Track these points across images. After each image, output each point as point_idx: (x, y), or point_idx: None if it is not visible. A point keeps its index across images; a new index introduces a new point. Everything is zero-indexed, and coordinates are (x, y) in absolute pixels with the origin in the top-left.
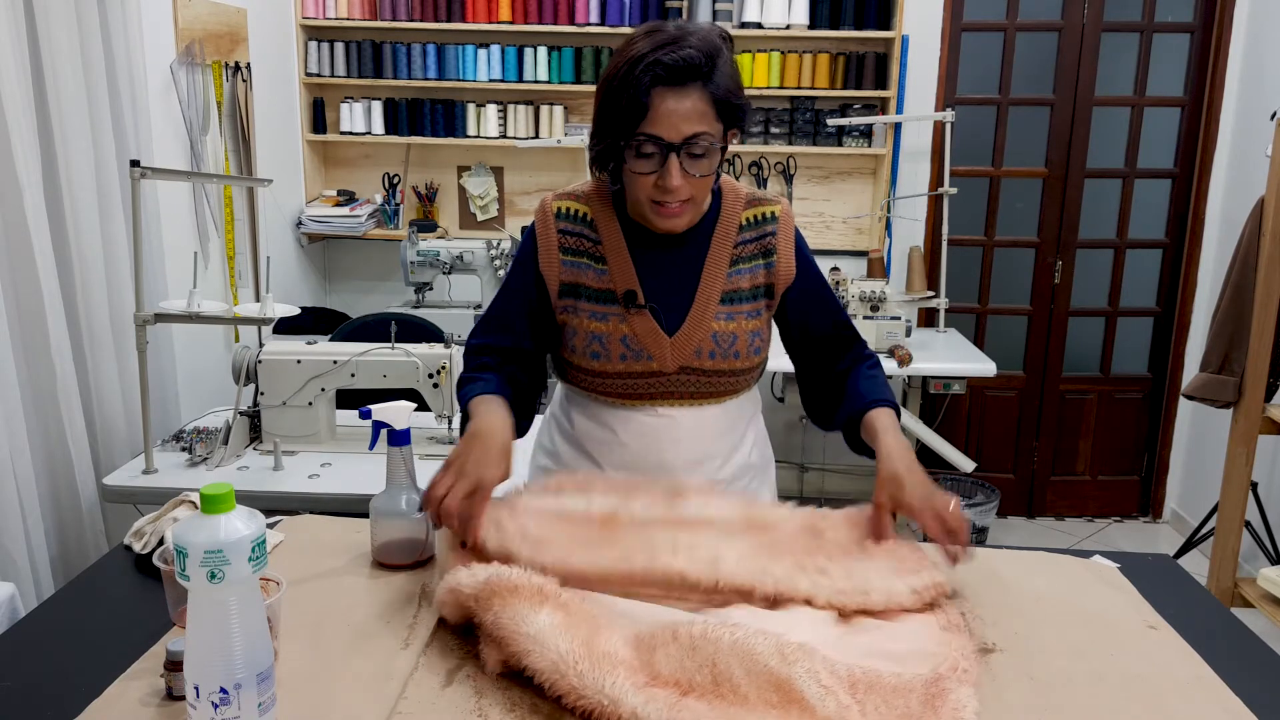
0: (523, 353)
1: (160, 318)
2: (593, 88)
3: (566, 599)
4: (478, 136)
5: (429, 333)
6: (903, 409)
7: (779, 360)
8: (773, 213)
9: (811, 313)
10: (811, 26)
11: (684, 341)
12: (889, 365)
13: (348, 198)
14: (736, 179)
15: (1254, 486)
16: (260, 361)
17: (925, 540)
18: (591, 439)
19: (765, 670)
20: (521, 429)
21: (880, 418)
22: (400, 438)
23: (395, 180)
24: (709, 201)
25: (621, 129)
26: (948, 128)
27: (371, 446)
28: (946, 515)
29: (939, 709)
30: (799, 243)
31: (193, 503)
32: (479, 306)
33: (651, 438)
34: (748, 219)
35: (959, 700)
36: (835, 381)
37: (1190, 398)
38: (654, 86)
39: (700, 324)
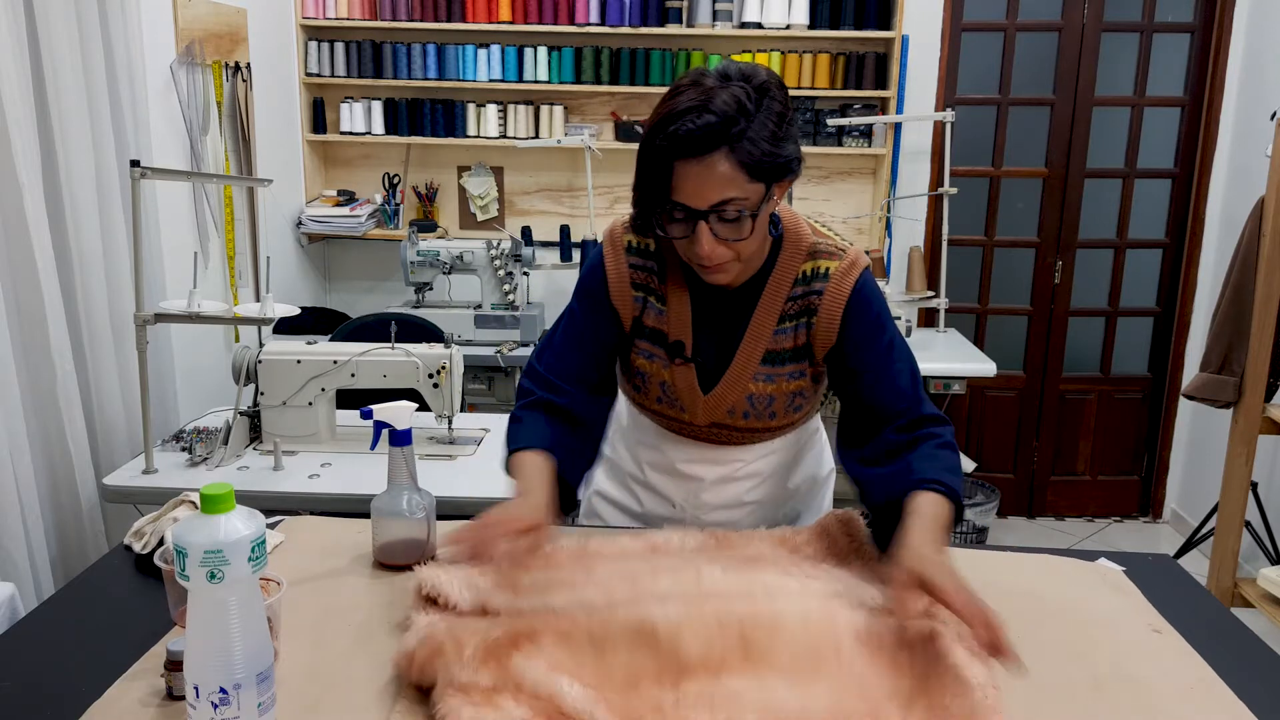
0: (589, 385)
1: (160, 318)
2: (593, 88)
3: (564, 629)
4: (478, 136)
5: (429, 333)
6: None
7: None
8: (826, 269)
9: (850, 379)
10: (811, 26)
11: (717, 401)
12: None
13: (348, 198)
14: None
15: (1254, 486)
16: (260, 361)
17: None
18: (636, 440)
19: (791, 637)
20: (587, 464)
21: (920, 500)
22: (401, 438)
23: (395, 180)
24: (767, 250)
25: (651, 196)
26: (948, 128)
27: (373, 447)
28: (990, 617)
29: (941, 670)
30: (856, 304)
31: (193, 503)
32: (479, 306)
33: (685, 453)
34: (804, 272)
35: (957, 660)
36: (885, 451)
37: (1190, 398)
38: (676, 158)
39: (736, 385)
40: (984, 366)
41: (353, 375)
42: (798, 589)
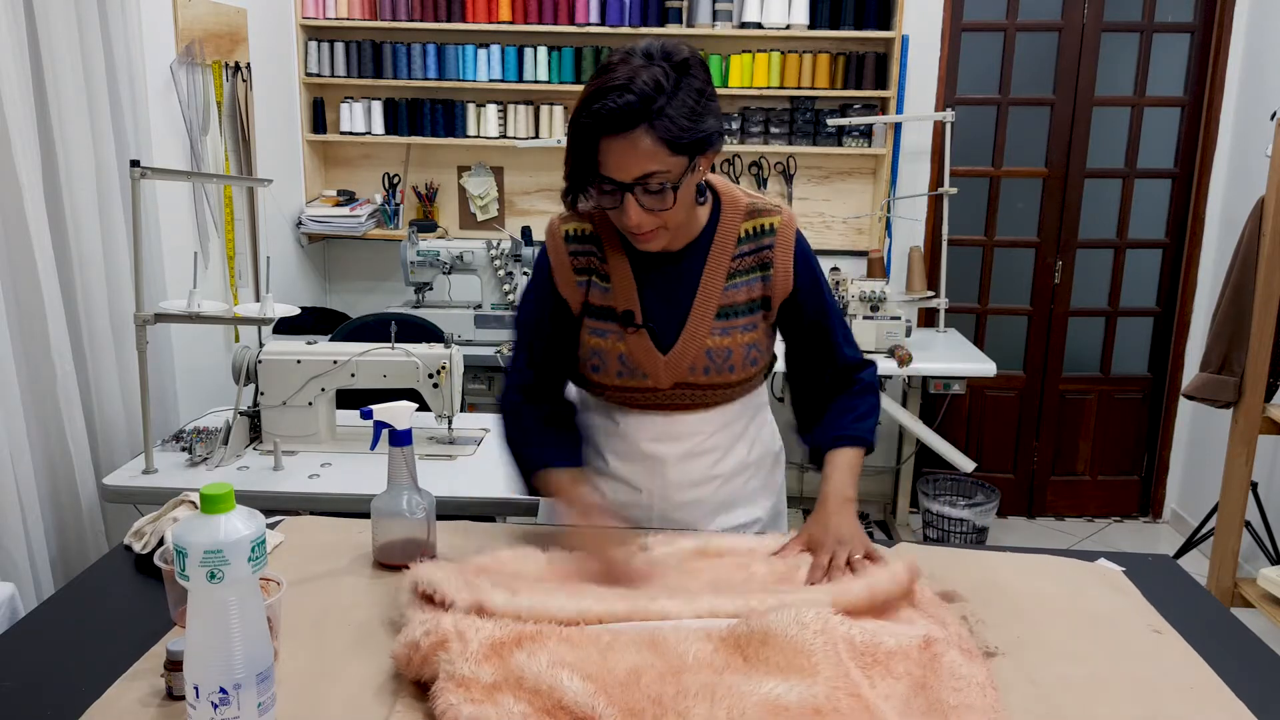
0: (553, 377)
1: (160, 318)
2: None
3: (568, 634)
4: (478, 136)
5: (429, 333)
6: (903, 409)
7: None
8: (771, 225)
9: (801, 325)
10: (811, 26)
11: (677, 360)
12: (889, 365)
13: (348, 198)
14: (737, 180)
15: (1254, 486)
16: (260, 361)
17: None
18: (595, 427)
19: (788, 640)
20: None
21: (834, 461)
22: (401, 438)
23: (395, 180)
24: (705, 215)
25: (581, 170)
26: (948, 128)
27: (373, 447)
28: (857, 551)
29: (938, 670)
30: (800, 254)
31: (193, 503)
32: (479, 306)
33: (650, 432)
34: (746, 231)
35: (953, 661)
36: (819, 398)
37: (1190, 398)
38: (600, 135)
39: (694, 341)
40: (984, 366)
41: (353, 375)
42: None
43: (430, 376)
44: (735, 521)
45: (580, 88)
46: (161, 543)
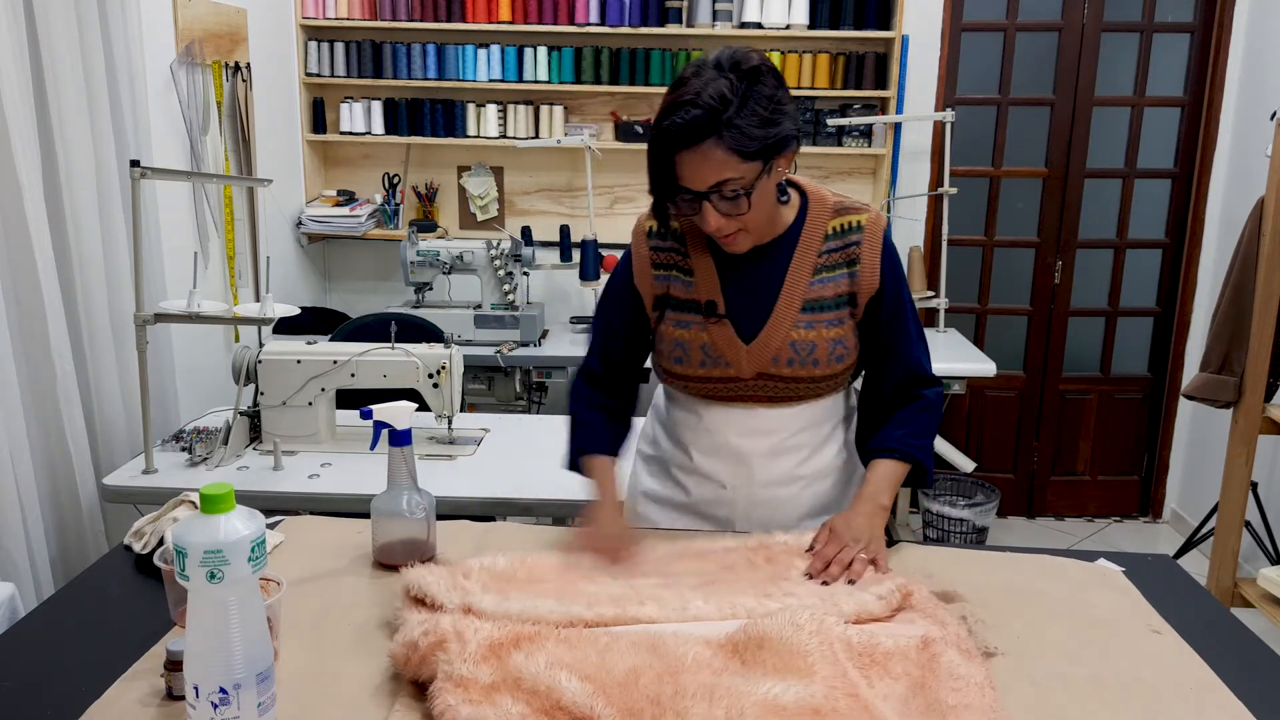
0: (625, 369)
1: (160, 318)
2: (593, 87)
3: (567, 635)
4: (478, 136)
5: (429, 333)
6: None
7: None
8: (859, 222)
9: (879, 324)
10: (811, 26)
11: (761, 350)
12: None
13: (348, 198)
14: None
15: (1254, 486)
16: (260, 361)
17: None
18: (682, 424)
19: (784, 642)
20: (623, 440)
21: (875, 468)
22: (401, 438)
23: (395, 180)
24: (792, 214)
25: (661, 182)
26: (948, 128)
27: (373, 447)
28: (866, 552)
29: (936, 670)
30: (887, 253)
31: (193, 503)
32: (478, 306)
33: (735, 426)
34: (834, 228)
35: (951, 661)
36: (881, 406)
37: (1190, 398)
38: (673, 151)
39: (778, 332)
40: (984, 366)
41: (353, 375)
42: (777, 608)
43: (430, 376)
44: None
45: (580, 88)
46: (161, 543)
